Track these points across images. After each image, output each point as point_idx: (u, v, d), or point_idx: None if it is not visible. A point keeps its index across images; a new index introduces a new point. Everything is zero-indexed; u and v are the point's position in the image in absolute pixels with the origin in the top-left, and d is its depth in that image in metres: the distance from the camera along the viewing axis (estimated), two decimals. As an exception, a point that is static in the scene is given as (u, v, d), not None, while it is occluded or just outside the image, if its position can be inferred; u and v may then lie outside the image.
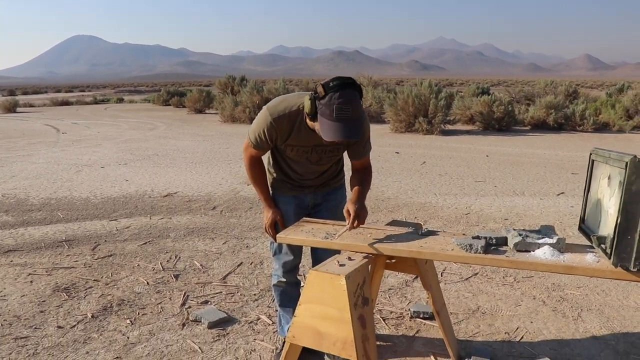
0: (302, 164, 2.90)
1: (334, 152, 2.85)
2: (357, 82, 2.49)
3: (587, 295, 4.10)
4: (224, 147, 12.93)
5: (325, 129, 2.46)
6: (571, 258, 2.23)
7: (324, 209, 3.04)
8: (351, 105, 2.41)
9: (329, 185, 3.06)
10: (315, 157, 2.84)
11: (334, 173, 3.05)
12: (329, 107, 2.41)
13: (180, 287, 4.32)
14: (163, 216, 6.52)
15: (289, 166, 2.94)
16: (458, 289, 4.24)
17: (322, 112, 2.46)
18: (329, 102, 2.41)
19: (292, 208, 3.01)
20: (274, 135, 2.73)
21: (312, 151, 2.81)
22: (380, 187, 8.03)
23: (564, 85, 23.97)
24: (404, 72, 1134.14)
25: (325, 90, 2.43)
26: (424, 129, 15.46)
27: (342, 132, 2.42)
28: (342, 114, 2.40)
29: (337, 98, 2.39)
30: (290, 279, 3.16)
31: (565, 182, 8.47)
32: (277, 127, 2.69)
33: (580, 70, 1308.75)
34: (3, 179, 9.04)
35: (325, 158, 2.87)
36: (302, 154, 2.82)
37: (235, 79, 27.08)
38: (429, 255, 2.35)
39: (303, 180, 2.97)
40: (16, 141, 14.93)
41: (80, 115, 25.80)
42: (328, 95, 2.42)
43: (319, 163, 2.89)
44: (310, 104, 2.53)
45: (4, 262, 4.95)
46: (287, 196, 3.01)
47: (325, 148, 2.78)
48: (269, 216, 2.97)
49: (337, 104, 2.39)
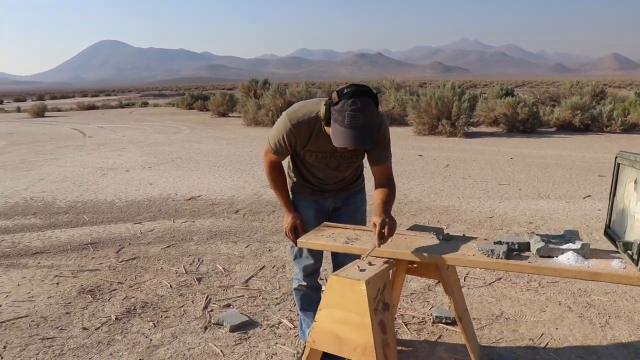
0: (321, 170, 2.89)
1: (352, 159, 2.84)
2: (373, 89, 2.49)
3: (615, 301, 4.03)
4: (247, 151, 12.99)
5: (336, 135, 2.46)
6: (596, 264, 2.19)
7: (344, 213, 3.04)
8: (364, 112, 2.41)
9: (349, 189, 3.05)
10: (334, 162, 2.84)
11: (353, 177, 3.04)
12: (341, 114, 2.42)
13: (203, 290, 4.34)
14: (186, 219, 6.57)
15: (308, 171, 2.94)
16: (481, 293, 4.20)
17: (334, 119, 2.46)
18: (341, 109, 2.42)
19: (312, 212, 3.02)
20: (293, 141, 2.74)
21: (330, 157, 2.80)
22: (403, 191, 7.99)
23: (591, 85, 23.62)
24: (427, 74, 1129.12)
25: (339, 96, 2.43)
26: (447, 132, 15.36)
27: (353, 139, 2.42)
28: (354, 120, 2.39)
29: (350, 105, 2.39)
30: (311, 283, 3.16)
31: (592, 185, 8.34)
32: (296, 133, 2.71)
33: (607, 70, 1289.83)
34: (31, 182, 9.20)
35: (344, 164, 2.86)
36: (320, 160, 2.83)
37: (258, 82, 27.20)
38: (450, 260, 2.33)
39: (323, 185, 2.97)
40: (44, 145, 15.19)
41: (106, 119, 26.16)
42: (341, 102, 2.42)
43: (338, 169, 2.88)
44: (324, 110, 2.54)
45: (31, 264, 5.03)
46: (307, 200, 3.01)
47: (344, 154, 2.77)
48: (289, 220, 2.99)
49: (350, 111, 2.39)
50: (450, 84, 16.38)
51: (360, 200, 3.10)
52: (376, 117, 2.51)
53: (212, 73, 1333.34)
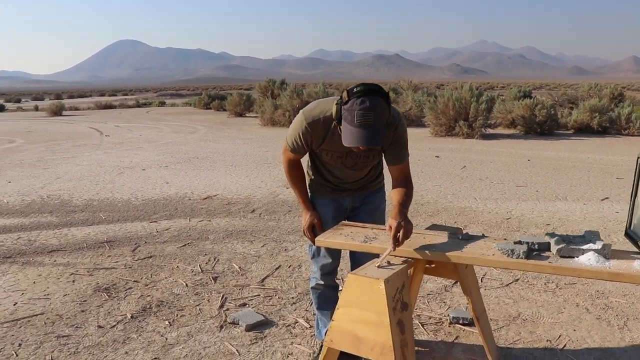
0: (339, 169, 2.88)
1: (369, 158, 2.83)
2: (389, 89, 2.47)
3: (634, 303, 3.98)
4: (264, 151, 13.00)
5: (346, 134, 2.47)
6: (617, 265, 2.16)
7: (363, 212, 3.02)
8: (374, 111, 2.40)
9: (368, 188, 3.03)
10: (350, 162, 2.83)
11: (372, 177, 3.02)
12: (350, 113, 2.42)
13: (219, 289, 4.34)
14: (202, 218, 6.59)
15: (327, 170, 2.93)
16: (498, 295, 4.16)
17: (344, 118, 2.47)
18: (351, 108, 2.42)
19: (330, 211, 3.00)
20: (309, 139, 2.75)
21: (346, 156, 2.80)
22: (420, 191, 7.95)
23: (609, 88, 23.38)
24: (444, 75, 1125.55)
25: (349, 95, 2.44)
26: (464, 133, 15.27)
27: (362, 138, 2.41)
28: (363, 119, 2.39)
29: (359, 104, 2.39)
30: (328, 282, 3.14)
31: (610, 187, 8.25)
32: (312, 131, 2.72)
33: (626, 73, 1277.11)
34: (48, 181, 9.27)
35: (361, 163, 2.85)
36: (337, 159, 2.83)
37: (275, 82, 27.24)
38: (468, 260, 2.31)
39: (342, 184, 2.96)
40: (61, 143, 15.32)
41: (123, 119, 26.33)
42: (351, 101, 2.43)
43: (355, 168, 2.87)
44: (335, 110, 2.55)
45: (47, 261, 5.07)
46: (326, 199, 3.01)
47: (360, 153, 2.75)
48: (307, 219, 2.98)
49: (359, 110, 2.39)
50: (468, 86, 16.29)
51: (380, 199, 3.08)
52: (387, 116, 2.49)
53: (229, 73, 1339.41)
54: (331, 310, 3.13)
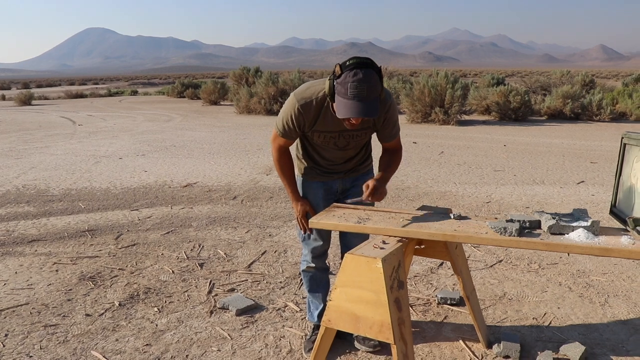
0: (330, 150, 2.89)
1: (360, 137, 2.83)
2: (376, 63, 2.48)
3: (613, 281, 4.08)
4: (241, 138, 12.95)
5: (339, 107, 2.45)
6: (606, 240, 2.22)
7: (353, 194, 3.02)
8: (367, 83, 2.39)
9: (358, 170, 3.05)
10: (342, 142, 2.83)
11: (362, 159, 3.04)
12: (343, 86, 2.41)
13: (206, 275, 4.34)
14: (184, 206, 6.55)
15: (317, 153, 2.94)
16: (483, 275, 4.23)
17: (338, 91, 2.46)
18: (344, 81, 2.41)
19: (320, 193, 3.01)
20: (301, 121, 2.73)
21: (339, 136, 2.80)
22: (400, 177, 8.01)
23: (580, 75, 23.72)
24: (417, 63, 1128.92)
25: (342, 69, 2.44)
26: (440, 119, 15.39)
27: (357, 109, 2.41)
28: (356, 91, 2.38)
29: (352, 76, 2.39)
30: (319, 264, 3.16)
31: (585, 171, 8.41)
32: (304, 112, 2.70)
33: (594, 61, 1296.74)
34: (22, 170, 9.12)
35: (353, 143, 2.86)
36: (329, 140, 2.82)
37: (250, 70, 27.07)
38: (463, 238, 2.34)
39: (332, 166, 2.97)
40: (33, 133, 15.05)
41: (95, 108, 25.95)
42: (344, 74, 2.42)
43: (346, 148, 2.88)
44: (328, 85, 2.53)
45: (28, 251, 5.00)
46: (316, 181, 3.01)
47: (352, 133, 2.77)
48: (299, 209, 2.98)
49: (352, 82, 2.38)
50: (444, 73, 16.39)
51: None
52: (380, 89, 2.49)
53: (201, 62, 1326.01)
54: (322, 292, 3.19)
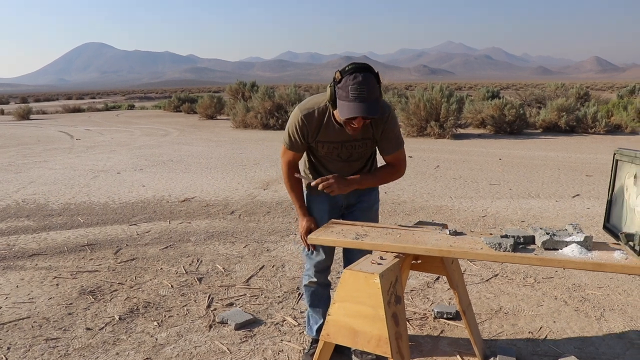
0: (334, 163, 2.95)
1: (362, 148, 2.89)
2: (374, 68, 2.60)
3: (609, 295, 4.13)
4: (238, 153, 13.01)
5: (342, 109, 2.55)
6: (599, 255, 2.27)
7: (358, 210, 3.08)
8: (367, 85, 2.50)
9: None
10: (345, 153, 2.90)
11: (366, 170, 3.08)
12: (344, 89, 2.53)
13: (205, 289, 4.38)
14: (182, 220, 6.60)
15: (323, 166, 2.99)
16: (479, 290, 4.28)
17: (339, 96, 2.56)
18: (344, 85, 2.53)
19: (326, 207, 3.07)
20: (305, 131, 2.82)
21: (341, 147, 2.87)
22: (396, 191, 8.07)
23: (575, 87, 23.89)
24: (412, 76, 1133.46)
25: (342, 74, 2.56)
26: (435, 133, 15.49)
27: (359, 109, 2.50)
28: (357, 93, 2.49)
29: (352, 79, 2.50)
30: (321, 280, 3.20)
31: (580, 184, 8.48)
32: (307, 123, 2.80)
33: (589, 73, 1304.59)
34: (22, 185, 9.16)
35: (356, 154, 2.92)
36: (332, 151, 2.89)
37: (246, 85, 27.19)
38: (459, 254, 2.39)
39: None
40: (32, 147, 15.10)
41: (93, 122, 26.02)
42: (344, 79, 2.54)
43: (350, 159, 2.93)
44: (330, 92, 2.64)
45: (29, 265, 5.03)
46: (322, 196, 3.05)
47: (354, 143, 2.85)
48: (303, 224, 3.03)
49: (352, 84, 2.50)
50: (439, 87, 16.51)
51: (374, 198, 3.14)
52: (379, 92, 2.60)
53: (197, 76, 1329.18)
54: (323, 307, 3.22)
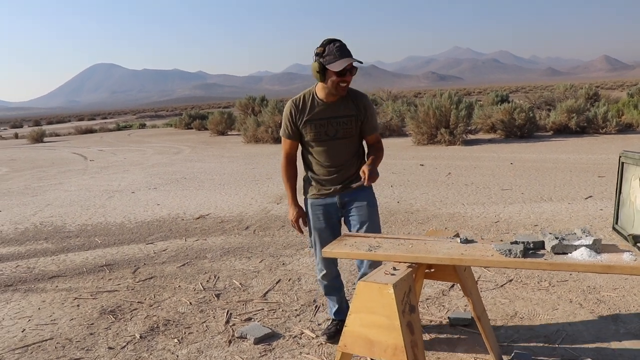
0: (324, 149, 3.32)
1: (347, 125, 3.30)
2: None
3: (624, 296, 4.14)
4: (250, 168, 13.11)
5: (335, 65, 3.02)
6: (608, 258, 2.31)
7: (354, 207, 3.39)
8: (347, 49, 3.08)
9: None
10: (332, 130, 3.30)
11: (355, 173, 3.40)
12: (331, 54, 3.04)
13: (223, 305, 4.44)
14: (198, 238, 6.68)
15: (315, 159, 3.39)
16: (494, 295, 4.31)
17: (328, 62, 3.05)
18: (329, 51, 3.04)
19: (321, 210, 3.43)
20: (295, 114, 3.31)
21: (328, 124, 3.28)
22: (409, 200, 8.11)
23: (584, 88, 23.82)
24: (421, 83, 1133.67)
25: (322, 46, 3.08)
26: (446, 140, 15.51)
27: (348, 59, 3.03)
28: (342, 51, 3.04)
29: (334, 45, 3.05)
30: (330, 271, 3.58)
31: (592, 186, 8.48)
32: (296, 106, 3.31)
33: (599, 72, 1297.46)
34: (39, 208, 9.30)
35: (341, 131, 3.30)
36: (320, 128, 3.29)
37: (255, 99, 27.36)
38: (470, 262, 2.45)
39: (330, 173, 3.35)
40: (47, 170, 15.30)
41: (105, 142, 26.29)
42: (327, 48, 3.06)
43: (336, 137, 3.31)
44: (316, 65, 3.10)
45: (49, 287, 5.13)
46: (315, 199, 3.44)
47: (339, 120, 3.28)
48: (293, 213, 3.48)
49: (336, 48, 3.04)
50: (447, 94, 16.54)
51: (368, 195, 3.45)
52: None
53: (206, 92, 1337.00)
54: (336, 295, 3.67)
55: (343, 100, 3.27)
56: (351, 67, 3.09)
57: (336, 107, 3.27)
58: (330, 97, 3.23)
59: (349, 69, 3.08)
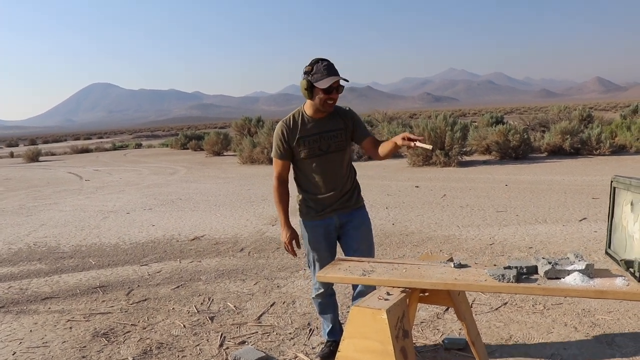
0: (318, 164, 3.37)
1: (339, 138, 3.38)
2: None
3: (619, 319, 4.14)
4: (246, 189, 13.11)
5: (322, 83, 3.12)
6: (601, 283, 2.32)
7: (351, 228, 3.45)
8: (334, 67, 3.17)
9: (349, 206, 3.48)
10: (325, 144, 3.36)
11: (350, 189, 3.48)
12: (318, 72, 3.14)
13: (217, 328, 4.42)
14: (192, 259, 6.66)
15: (308, 179, 3.41)
16: (489, 319, 4.30)
17: (316, 79, 3.15)
18: (317, 70, 3.15)
19: (321, 230, 3.45)
20: (287, 134, 3.36)
21: (320, 139, 3.35)
22: (404, 222, 8.12)
23: (578, 109, 24.01)
24: (416, 105, 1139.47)
25: (310, 65, 3.18)
26: (441, 162, 15.56)
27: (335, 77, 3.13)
28: (329, 70, 3.14)
29: (322, 63, 3.16)
30: (326, 290, 3.62)
31: (587, 207, 8.50)
32: (287, 125, 3.37)
33: (592, 93, 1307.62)
34: (33, 228, 9.27)
35: (334, 144, 3.38)
36: (313, 144, 3.35)
37: (251, 120, 27.45)
38: (463, 286, 2.45)
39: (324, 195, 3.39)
40: (42, 190, 15.27)
41: (101, 162, 26.28)
42: (315, 67, 3.16)
43: (329, 151, 3.37)
44: (305, 84, 3.21)
45: (42, 309, 5.09)
46: (315, 220, 3.45)
47: (330, 134, 3.36)
48: (287, 235, 3.46)
49: (323, 67, 3.14)
50: (442, 115, 16.64)
51: (364, 216, 3.53)
52: None
53: (203, 112, 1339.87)
54: (331, 314, 3.72)
55: (331, 117, 3.38)
56: (338, 85, 3.20)
57: (325, 122, 3.37)
58: (318, 113, 3.34)
59: (335, 87, 3.19)
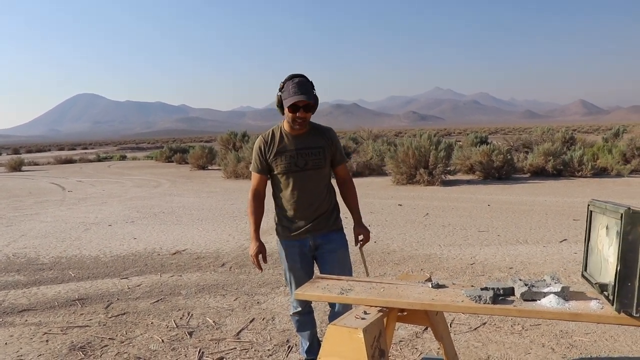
0: (294, 180, 3.37)
1: (316, 156, 3.38)
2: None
3: (596, 341, 4.18)
4: (229, 204, 13.08)
5: (287, 101, 3.17)
6: (576, 305, 2.35)
7: (327, 250, 3.44)
8: (305, 83, 3.21)
9: (327, 226, 3.46)
10: (301, 161, 3.36)
11: (327, 210, 3.46)
12: (287, 90, 3.20)
13: (195, 344, 4.39)
14: (173, 274, 6.62)
15: (284, 196, 3.43)
16: (467, 339, 4.32)
17: (284, 97, 3.21)
18: (287, 88, 3.20)
19: (296, 250, 3.45)
20: (264, 148, 3.40)
21: (297, 155, 3.35)
22: (385, 240, 8.14)
23: (561, 132, 24.30)
24: (402, 122, 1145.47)
25: (284, 81, 3.25)
26: (425, 181, 15.64)
27: (299, 96, 3.14)
28: (296, 88, 3.17)
29: (292, 81, 3.20)
30: (304, 308, 3.60)
31: (567, 229, 8.58)
32: (265, 140, 3.41)
33: (574, 116, 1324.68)
34: (13, 238, 9.17)
35: (311, 162, 3.37)
36: (289, 160, 3.35)
37: (236, 135, 27.45)
38: (440, 307, 2.47)
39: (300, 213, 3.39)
40: (23, 200, 15.12)
41: (85, 173, 26.09)
42: (286, 83, 3.22)
43: (306, 168, 3.36)
44: (277, 99, 3.29)
45: (18, 321, 5.03)
46: (291, 240, 3.45)
47: (308, 151, 3.36)
48: (255, 248, 3.43)
49: (292, 85, 3.18)
50: (427, 134, 16.75)
51: (341, 239, 3.51)
52: (312, 87, 3.24)
53: (188, 125, 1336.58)
54: (309, 331, 3.69)
55: (311, 134, 3.40)
56: (306, 104, 3.20)
57: (305, 139, 3.37)
58: (293, 130, 3.36)
59: (302, 106, 3.19)
